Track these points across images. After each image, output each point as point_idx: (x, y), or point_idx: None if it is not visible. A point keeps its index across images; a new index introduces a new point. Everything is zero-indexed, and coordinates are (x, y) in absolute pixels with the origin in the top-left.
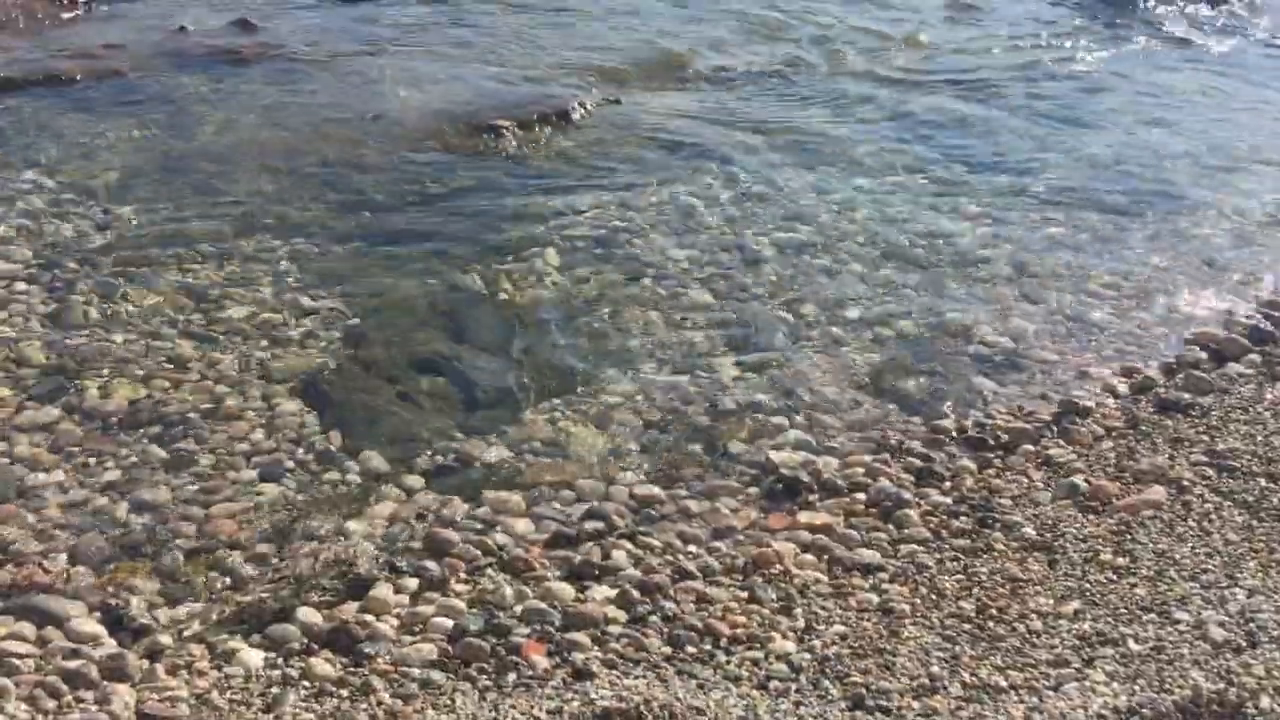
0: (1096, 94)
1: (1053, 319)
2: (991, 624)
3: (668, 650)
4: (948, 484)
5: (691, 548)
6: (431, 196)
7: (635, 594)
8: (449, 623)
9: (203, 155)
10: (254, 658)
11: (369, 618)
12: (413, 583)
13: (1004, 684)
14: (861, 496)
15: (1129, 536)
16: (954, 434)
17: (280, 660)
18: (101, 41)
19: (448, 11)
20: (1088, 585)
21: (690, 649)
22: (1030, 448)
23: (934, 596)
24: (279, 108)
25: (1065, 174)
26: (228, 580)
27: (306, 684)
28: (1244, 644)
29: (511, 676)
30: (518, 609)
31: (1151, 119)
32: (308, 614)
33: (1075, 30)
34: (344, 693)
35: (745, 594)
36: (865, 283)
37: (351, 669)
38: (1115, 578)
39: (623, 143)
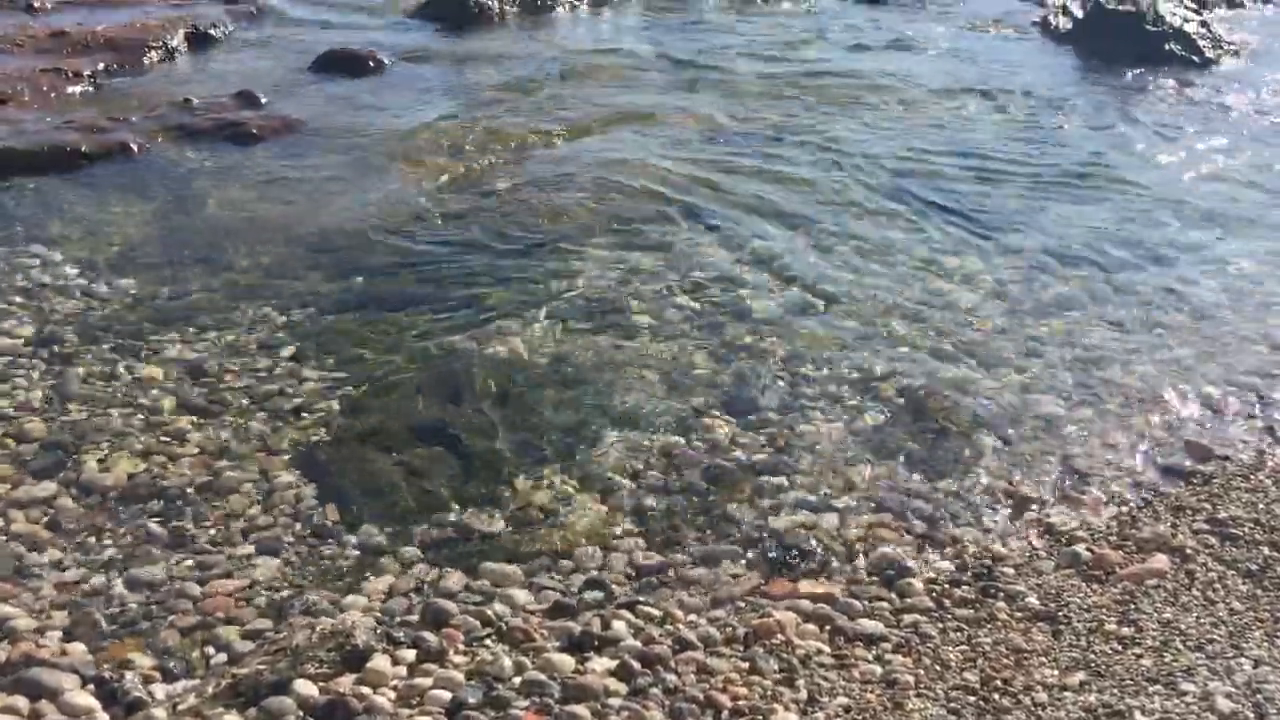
0: (1093, 160)
1: (1053, 377)
2: (996, 696)
3: None
4: (949, 550)
5: (692, 616)
6: (429, 265)
7: (636, 665)
8: (447, 695)
9: (204, 228)
10: None
11: (366, 690)
12: (410, 654)
13: None
14: (863, 563)
15: (1133, 606)
16: (955, 496)
17: None
18: (107, 115)
19: (448, 84)
20: (1093, 656)
21: None
22: (1032, 514)
23: (938, 668)
24: (281, 181)
25: (1062, 237)
26: (224, 656)
27: None
28: (1251, 716)
29: None
30: (516, 680)
31: (1147, 183)
32: (304, 686)
33: (1072, 99)
34: None
35: (747, 665)
36: (864, 342)
37: None
38: (1120, 648)
39: (621, 205)
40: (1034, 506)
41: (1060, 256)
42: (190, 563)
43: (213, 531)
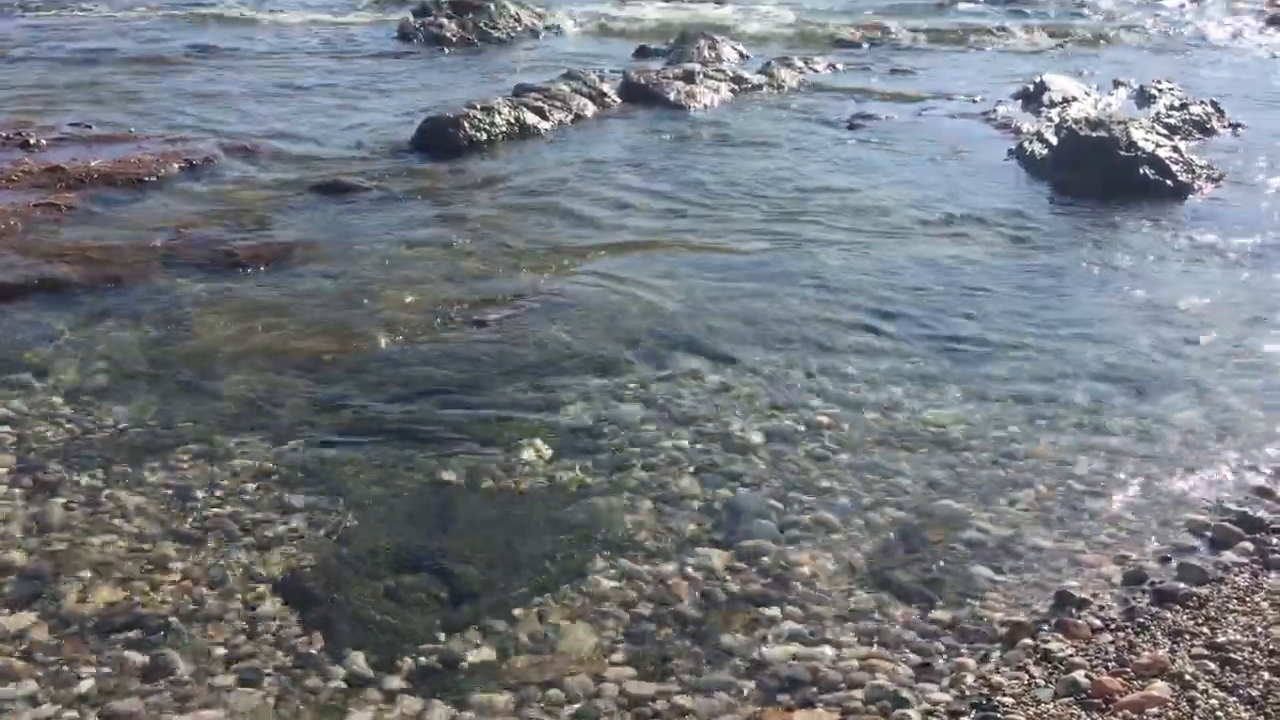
0: (1078, 284)
1: (1043, 505)
2: None
3: None
4: (946, 680)
5: None
6: (417, 392)
7: None
8: None
9: (192, 355)
10: None
11: None
12: None
13: None
14: (859, 693)
15: None
16: (950, 626)
17: None
18: (98, 245)
19: (438, 213)
20: None
21: None
22: (1029, 641)
23: None
24: (270, 308)
25: (1049, 361)
26: None
27: None
28: None
29: None
30: None
31: (1128, 314)
32: None
33: (1048, 226)
34: None
35: None
36: (854, 470)
37: None
38: None
39: (611, 335)
40: (1030, 634)
41: (1045, 386)
42: (169, 694)
43: (193, 661)
